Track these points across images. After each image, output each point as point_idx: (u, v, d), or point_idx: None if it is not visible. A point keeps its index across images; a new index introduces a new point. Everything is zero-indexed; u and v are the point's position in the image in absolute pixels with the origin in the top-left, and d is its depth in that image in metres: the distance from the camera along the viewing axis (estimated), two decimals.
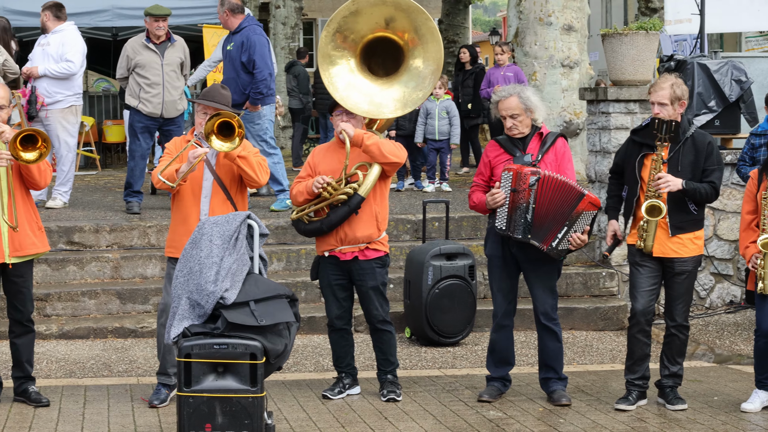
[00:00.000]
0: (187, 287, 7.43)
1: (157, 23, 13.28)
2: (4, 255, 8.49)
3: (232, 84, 12.89)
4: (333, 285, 8.97)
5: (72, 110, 13.70)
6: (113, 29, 20.80)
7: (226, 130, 8.30)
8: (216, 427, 7.18)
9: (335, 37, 9.08)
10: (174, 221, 8.75)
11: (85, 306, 11.54)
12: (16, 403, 8.75)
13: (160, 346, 8.82)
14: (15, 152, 8.27)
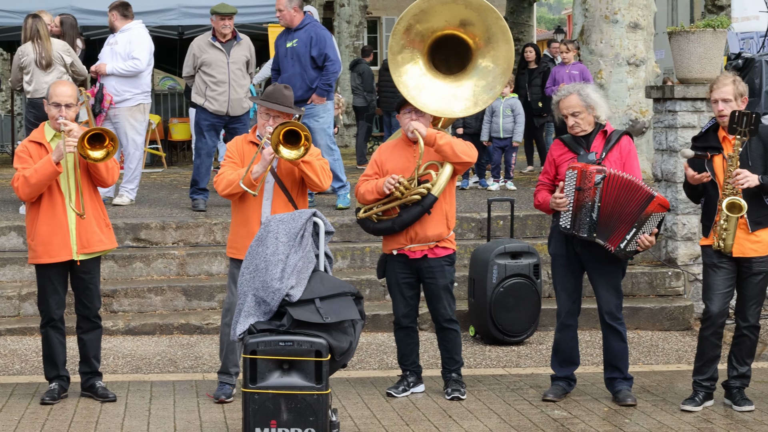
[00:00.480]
0: (253, 284, 7.47)
1: (223, 22, 13.34)
2: (72, 252, 8.58)
3: (297, 80, 12.95)
4: (401, 283, 8.97)
5: (140, 108, 13.82)
6: (179, 28, 20.91)
7: (292, 137, 8.31)
8: (281, 424, 7.21)
9: (405, 35, 9.08)
10: (235, 222, 8.77)
11: (151, 302, 11.63)
12: (83, 398, 8.84)
13: (223, 345, 8.86)
14: (83, 150, 8.35)
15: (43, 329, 8.80)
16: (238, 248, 8.61)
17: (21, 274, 11.90)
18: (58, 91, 8.63)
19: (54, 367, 8.81)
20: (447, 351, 9.05)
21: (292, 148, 8.29)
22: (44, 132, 8.68)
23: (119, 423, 8.21)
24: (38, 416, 8.35)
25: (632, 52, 15.50)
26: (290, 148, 8.30)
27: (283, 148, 8.27)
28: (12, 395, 8.95)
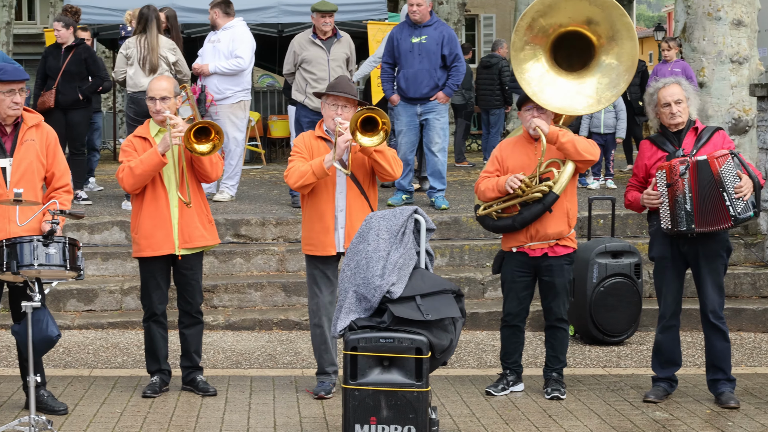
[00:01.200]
0: (354, 281, 7.48)
1: (323, 19, 13.37)
2: (174, 246, 8.66)
3: (425, 77, 13.02)
4: (516, 281, 8.92)
5: (240, 105, 13.92)
6: (279, 25, 21.00)
7: (368, 125, 8.32)
8: (381, 421, 7.20)
9: (528, 31, 9.03)
10: (309, 219, 8.77)
11: (251, 298, 11.71)
12: (184, 392, 8.92)
13: (316, 347, 8.90)
14: (189, 144, 8.43)
15: (145, 323, 8.90)
16: (315, 245, 8.65)
17: (123, 269, 12.06)
18: (153, 85, 8.76)
19: (156, 361, 8.91)
20: (553, 349, 8.99)
21: (371, 135, 8.32)
22: (149, 127, 8.78)
23: (219, 417, 8.27)
24: (140, 409, 8.45)
25: (735, 50, 15.27)
26: (368, 135, 8.32)
27: (362, 136, 8.30)
28: (114, 388, 9.06)
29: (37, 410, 7.66)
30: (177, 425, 8.04)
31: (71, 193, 8.36)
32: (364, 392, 7.20)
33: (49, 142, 8.24)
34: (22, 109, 8.09)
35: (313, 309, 8.85)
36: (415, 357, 7.22)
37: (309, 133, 8.85)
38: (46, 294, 7.69)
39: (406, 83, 13.18)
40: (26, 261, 7.47)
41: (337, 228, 8.65)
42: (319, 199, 8.64)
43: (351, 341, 7.24)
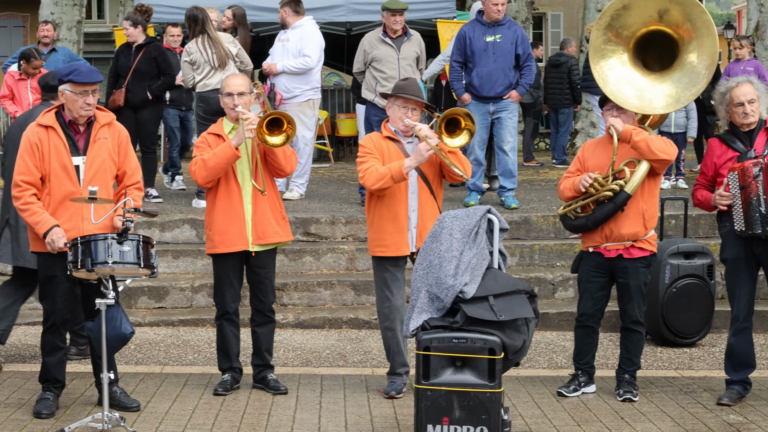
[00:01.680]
0: (427, 280, 7.45)
1: (393, 17, 13.35)
2: (247, 242, 8.68)
3: (499, 76, 13.01)
4: (591, 281, 8.87)
5: (309, 104, 13.92)
6: (347, 24, 21.04)
7: (451, 126, 8.29)
8: (453, 421, 7.17)
9: (607, 30, 8.98)
10: (381, 219, 8.72)
11: (321, 296, 11.72)
12: (255, 390, 8.93)
13: (388, 348, 8.88)
14: (261, 136, 8.44)
15: (217, 321, 8.92)
16: (388, 245, 8.62)
17: (194, 266, 12.11)
18: (230, 81, 8.79)
19: (227, 358, 8.93)
20: (627, 351, 8.91)
21: (455, 136, 8.30)
22: (222, 125, 8.81)
23: (291, 415, 8.27)
24: (212, 406, 8.47)
25: None
26: (453, 136, 8.31)
27: (447, 138, 8.29)
28: (186, 385, 9.09)
29: (110, 407, 7.72)
30: (248, 423, 8.06)
31: (142, 191, 8.41)
32: (437, 392, 7.17)
33: (121, 140, 8.28)
34: (94, 109, 8.14)
35: (384, 312, 8.82)
36: (488, 357, 7.18)
37: (376, 134, 8.83)
38: (119, 291, 7.72)
39: (480, 82, 13.12)
40: (100, 258, 7.51)
41: (410, 228, 8.64)
42: (393, 199, 8.63)
43: (424, 341, 7.22)
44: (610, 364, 9.90)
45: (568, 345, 9.99)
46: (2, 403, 8.51)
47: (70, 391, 8.70)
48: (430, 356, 7.20)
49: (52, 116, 8.15)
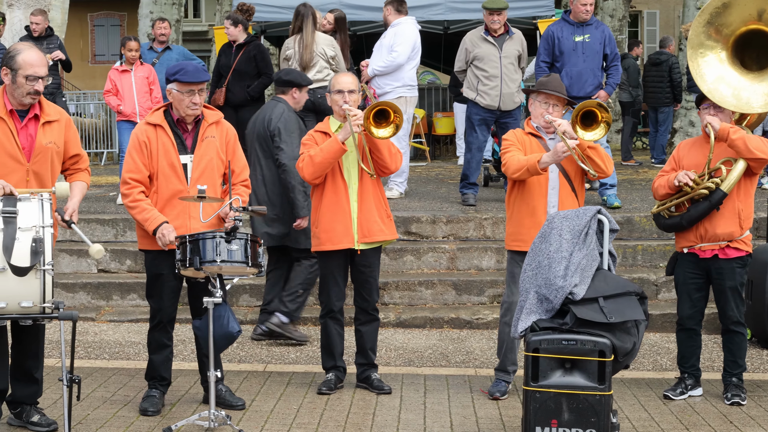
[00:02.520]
0: (536, 281, 7.37)
1: (492, 17, 13.26)
2: (353, 240, 8.67)
3: (589, 75, 12.91)
4: (688, 283, 8.76)
5: (401, 101, 13.82)
6: (444, 22, 20.95)
7: (587, 119, 8.22)
8: (562, 424, 7.09)
9: (706, 28, 8.86)
10: (519, 213, 8.66)
11: (422, 296, 11.68)
12: (358, 389, 8.92)
13: (501, 342, 8.81)
14: (369, 129, 8.43)
15: (322, 320, 8.92)
16: (525, 240, 8.51)
17: None
18: (341, 79, 8.80)
19: (331, 357, 8.92)
20: (731, 354, 8.77)
21: (591, 129, 8.23)
22: (329, 122, 8.81)
23: (395, 416, 8.24)
24: (316, 405, 8.47)
25: None
26: (589, 130, 8.23)
27: (581, 130, 8.21)
28: (289, 384, 9.11)
29: (216, 405, 7.73)
30: (354, 423, 8.04)
31: (249, 188, 8.42)
32: (546, 394, 7.09)
33: (228, 138, 8.31)
34: (201, 108, 8.17)
35: (506, 307, 8.77)
36: (598, 360, 7.08)
37: (519, 131, 8.75)
38: (227, 290, 7.74)
39: (570, 82, 13.00)
40: (209, 257, 7.53)
41: None
42: (532, 194, 8.56)
43: (533, 342, 7.14)
44: (716, 367, 9.74)
45: (672, 347, 9.85)
46: (108, 400, 8.58)
47: (175, 388, 8.75)
48: (539, 358, 7.12)
49: (161, 114, 8.21)
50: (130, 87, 14.11)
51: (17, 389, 7.77)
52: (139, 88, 14.10)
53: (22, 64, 7.42)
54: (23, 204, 6.98)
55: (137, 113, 14.03)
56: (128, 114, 14.09)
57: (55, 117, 7.62)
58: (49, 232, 6.93)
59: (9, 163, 7.40)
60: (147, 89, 14.15)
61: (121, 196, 8.19)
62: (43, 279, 6.86)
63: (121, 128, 14.28)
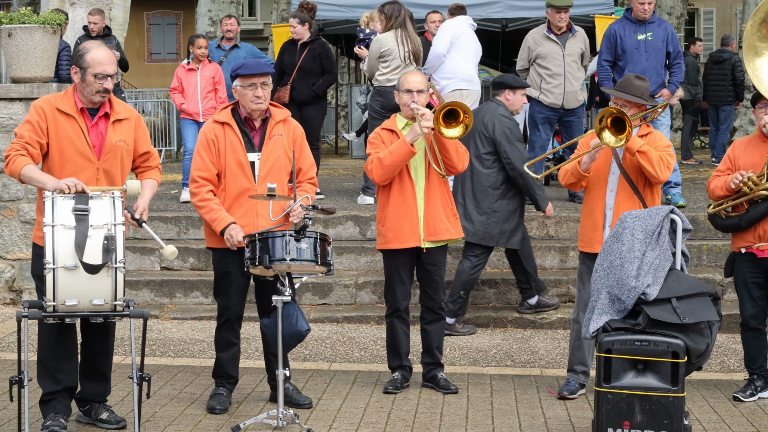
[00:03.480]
0: (607, 281, 7.30)
1: (558, 15, 13.18)
2: (419, 238, 8.64)
3: (652, 74, 12.75)
4: (748, 283, 8.67)
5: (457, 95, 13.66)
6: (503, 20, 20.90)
7: (618, 123, 8.14)
8: (634, 425, 7.02)
9: (761, 27, 8.76)
10: (583, 215, 8.68)
11: (485, 295, 11.62)
12: (424, 389, 8.88)
13: (570, 342, 8.75)
14: (439, 129, 8.39)
15: (388, 319, 8.89)
16: (585, 240, 8.55)
17: (357, 263, 12.11)
18: (410, 78, 8.73)
19: (397, 356, 8.89)
20: None
21: (617, 135, 8.14)
22: (396, 121, 8.77)
23: (463, 416, 8.20)
24: (383, 405, 8.44)
25: None
26: (615, 134, 8.15)
27: (608, 134, 8.13)
28: (355, 383, 9.09)
29: (284, 404, 7.72)
30: (421, 423, 8.00)
31: (317, 186, 8.41)
32: (618, 396, 7.02)
33: (296, 136, 8.30)
34: (266, 103, 8.16)
35: (575, 304, 8.73)
36: (671, 361, 7.01)
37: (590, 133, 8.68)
38: (296, 288, 7.72)
39: None
40: (278, 255, 7.53)
41: (606, 226, 8.48)
42: (591, 195, 8.53)
43: (605, 343, 7.07)
44: None
45: (739, 348, 9.73)
46: (175, 398, 8.59)
47: (241, 386, 8.75)
48: (611, 359, 7.05)
49: (228, 113, 8.21)
50: (195, 86, 14.12)
51: (86, 387, 7.79)
52: (203, 87, 14.12)
53: (91, 63, 7.45)
54: (95, 202, 6.99)
55: (200, 112, 14.05)
56: (191, 113, 14.11)
57: (125, 115, 7.64)
58: (121, 229, 6.93)
59: (79, 161, 7.43)
60: (212, 88, 14.16)
61: (190, 194, 8.21)
62: (114, 277, 6.87)
63: (184, 126, 14.31)
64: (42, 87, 11.72)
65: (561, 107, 13.22)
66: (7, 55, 11.89)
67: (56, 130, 7.42)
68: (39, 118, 7.41)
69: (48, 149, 7.43)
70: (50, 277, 6.77)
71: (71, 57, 7.99)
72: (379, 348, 10.26)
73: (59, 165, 7.40)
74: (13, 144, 7.36)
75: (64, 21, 12.43)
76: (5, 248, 12.00)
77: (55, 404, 7.50)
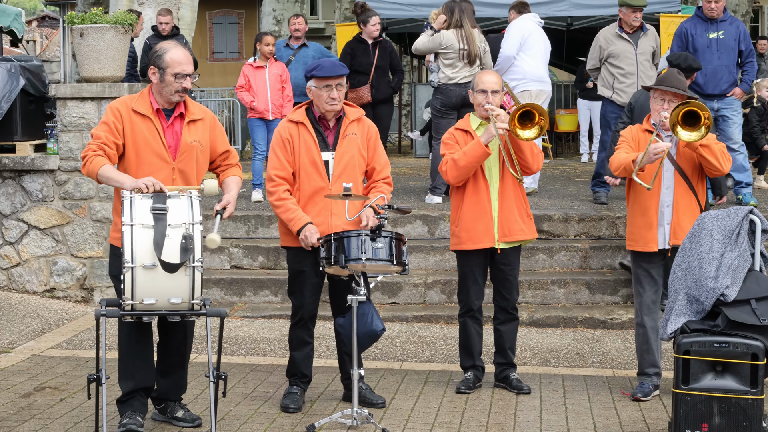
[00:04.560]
0: (685, 282, 7.24)
1: (634, 14, 13.07)
2: (494, 239, 8.61)
3: (724, 73, 12.69)
4: None
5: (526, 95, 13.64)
6: (567, 19, 20.80)
7: (690, 119, 8.05)
8: (712, 428, 6.95)
9: None
10: (632, 213, 8.58)
11: (554, 295, 11.58)
12: (497, 389, 8.86)
13: (638, 346, 8.69)
14: (514, 130, 8.36)
15: (461, 318, 8.87)
16: (636, 240, 8.47)
17: (426, 263, 12.10)
18: (485, 78, 8.70)
19: (470, 356, 8.87)
20: None
21: (691, 129, 8.04)
22: (470, 120, 8.75)
23: (537, 416, 8.17)
24: (456, 405, 8.43)
25: None
26: (689, 129, 8.04)
27: (681, 129, 8.03)
28: (427, 382, 9.08)
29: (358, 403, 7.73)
30: (496, 423, 7.98)
31: (391, 186, 8.41)
32: (696, 398, 6.97)
33: (370, 135, 8.30)
34: (341, 104, 8.17)
35: (636, 308, 8.68)
36: (751, 363, 6.94)
37: (637, 126, 8.63)
38: (371, 288, 7.73)
39: (705, 79, 12.77)
40: (353, 255, 7.54)
41: (662, 224, 8.42)
42: (645, 193, 8.41)
43: (684, 345, 7.01)
44: None
45: None
46: (249, 396, 8.63)
47: (314, 385, 8.76)
48: (690, 360, 6.99)
49: (302, 112, 8.23)
50: (264, 83, 14.14)
51: (162, 385, 7.83)
52: (272, 84, 14.14)
53: (170, 63, 7.48)
54: (173, 201, 7.02)
55: (269, 110, 14.09)
56: (261, 111, 14.12)
57: (200, 116, 7.67)
58: (199, 229, 6.95)
59: (155, 161, 7.47)
60: (280, 86, 14.19)
61: (267, 193, 8.23)
62: (192, 276, 6.89)
63: (252, 126, 14.33)
64: (113, 87, 11.81)
65: None
66: (79, 54, 11.98)
67: (132, 131, 7.47)
68: (115, 119, 7.47)
69: (124, 150, 7.48)
70: (128, 275, 6.81)
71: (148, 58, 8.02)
72: (449, 347, 10.24)
73: (135, 165, 7.45)
74: (89, 145, 7.42)
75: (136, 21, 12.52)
76: (77, 246, 12.11)
77: (132, 402, 7.55)
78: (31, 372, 9.42)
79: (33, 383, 9.03)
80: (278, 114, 14.02)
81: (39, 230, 12.18)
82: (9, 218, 12.24)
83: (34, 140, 12.61)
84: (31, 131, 12.67)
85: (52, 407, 8.29)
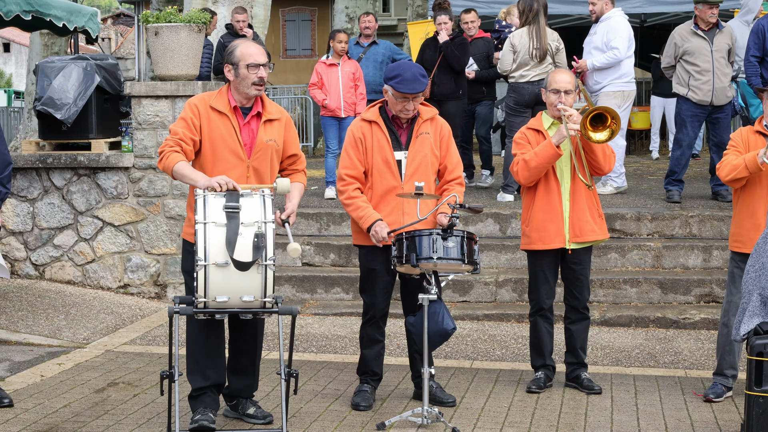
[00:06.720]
0: (759, 283, 7.17)
1: (711, 10, 12.95)
2: (564, 239, 8.59)
3: None
4: None
5: (619, 95, 13.59)
6: (641, 15, 20.67)
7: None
8: None
9: None
10: (739, 214, 8.41)
11: (626, 294, 11.51)
12: (567, 389, 8.83)
13: (720, 346, 8.60)
14: (585, 133, 8.33)
15: (532, 318, 8.85)
16: (744, 241, 8.30)
17: (497, 261, 12.09)
18: (558, 78, 8.66)
19: (541, 355, 8.85)
20: None
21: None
22: (542, 120, 8.73)
23: (608, 417, 8.13)
24: (526, 404, 8.41)
25: None
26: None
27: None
28: (497, 381, 9.07)
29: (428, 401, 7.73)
30: (566, 423, 7.96)
31: (463, 186, 8.40)
32: None
33: (442, 135, 8.30)
34: (414, 111, 8.16)
35: (724, 307, 8.57)
36: None
37: (747, 128, 8.48)
38: (442, 287, 7.74)
39: None
40: (425, 254, 7.55)
41: None
42: (752, 195, 8.28)
43: (757, 346, 6.94)
44: None
45: None
46: (319, 394, 8.67)
47: (384, 383, 8.79)
48: (763, 362, 6.92)
49: (376, 111, 8.25)
50: (336, 81, 14.18)
51: (234, 382, 7.89)
52: (345, 82, 14.18)
53: (241, 56, 7.54)
54: (245, 199, 7.07)
55: (341, 108, 14.13)
56: (333, 109, 14.17)
57: (276, 116, 7.72)
58: (271, 227, 7.00)
59: (231, 159, 7.53)
60: (353, 84, 14.22)
61: (338, 192, 8.27)
62: (264, 274, 6.94)
63: (325, 124, 14.38)
64: (187, 85, 11.92)
65: (710, 104, 12.97)
66: (153, 53, 12.10)
67: (209, 128, 7.54)
68: (193, 116, 7.54)
69: (200, 146, 7.55)
70: (201, 273, 6.87)
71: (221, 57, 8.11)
72: (520, 346, 10.22)
73: (211, 162, 7.52)
74: (167, 140, 7.50)
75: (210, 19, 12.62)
76: (151, 243, 12.24)
77: (204, 399, 7.61)
78: (105, 367, 9.54)
79: (107, 379, 9.14)
80: (351, 112, 14.07)
81: (113, 227, 12.32)
82: (84, 215, 12.39)
83: (109, 138, 12.76)
84: (106, 129, 12.82)
85: (125, 403, 8.39)
